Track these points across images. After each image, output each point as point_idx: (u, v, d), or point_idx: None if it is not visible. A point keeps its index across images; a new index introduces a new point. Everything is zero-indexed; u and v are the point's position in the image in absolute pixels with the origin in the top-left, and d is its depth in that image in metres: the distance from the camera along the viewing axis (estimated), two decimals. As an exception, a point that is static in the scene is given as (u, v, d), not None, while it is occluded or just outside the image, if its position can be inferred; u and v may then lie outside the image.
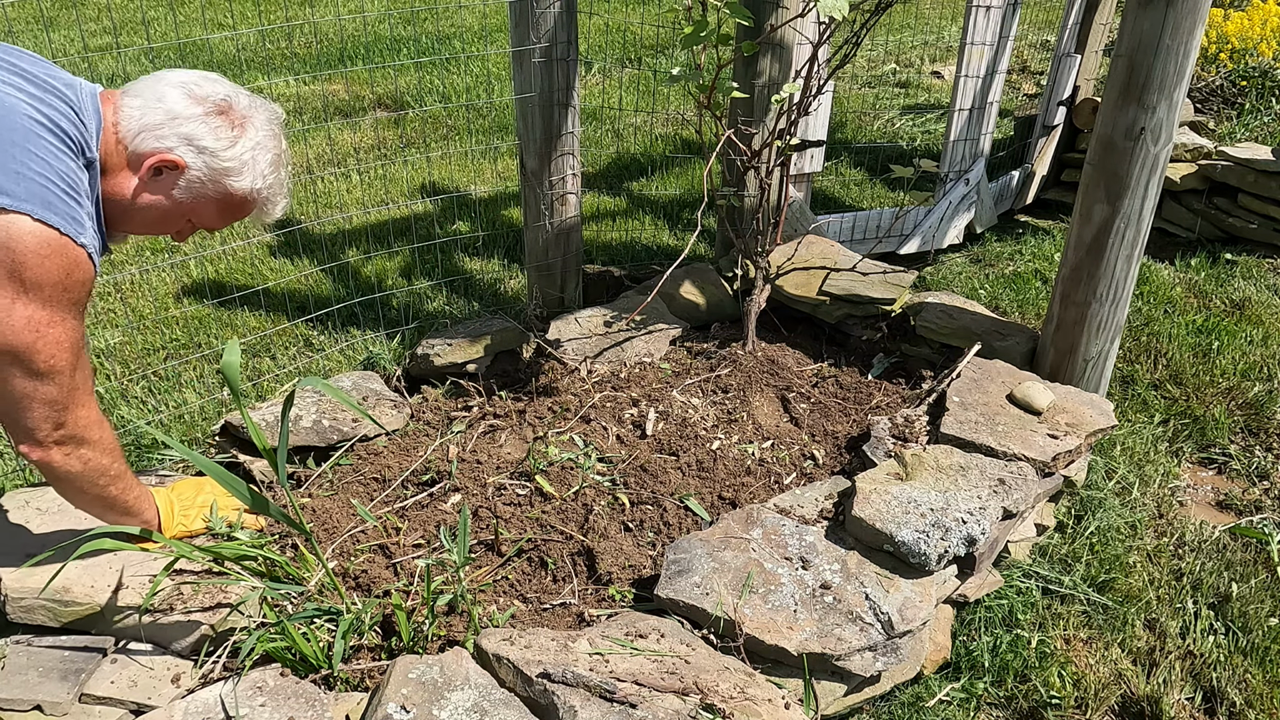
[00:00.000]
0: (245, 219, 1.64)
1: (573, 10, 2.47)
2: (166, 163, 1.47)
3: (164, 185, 1.49)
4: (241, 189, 1.54)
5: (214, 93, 1.51)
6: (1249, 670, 1.85)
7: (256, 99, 1.57)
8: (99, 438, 1.54)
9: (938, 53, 6.33)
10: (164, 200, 1.50)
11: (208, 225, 1.59)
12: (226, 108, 1.51)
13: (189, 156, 1.48)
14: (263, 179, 1.56)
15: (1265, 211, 3.60)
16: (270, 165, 1.57)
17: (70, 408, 1.46)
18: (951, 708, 1.77)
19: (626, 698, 1.42)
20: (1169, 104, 2.08)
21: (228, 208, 1.57)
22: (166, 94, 1.47)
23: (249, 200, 1.57)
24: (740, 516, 1.89)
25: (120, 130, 1.45)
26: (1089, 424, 2.16)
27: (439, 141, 4.68)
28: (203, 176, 1.50)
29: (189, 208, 1.53)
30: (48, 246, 1.34)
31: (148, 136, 1.45)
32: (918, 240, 3.55)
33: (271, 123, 1.58)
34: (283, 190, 1.63)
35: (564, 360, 2.53)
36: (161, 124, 1.45)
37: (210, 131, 1.48)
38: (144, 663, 1.58)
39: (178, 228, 1.57)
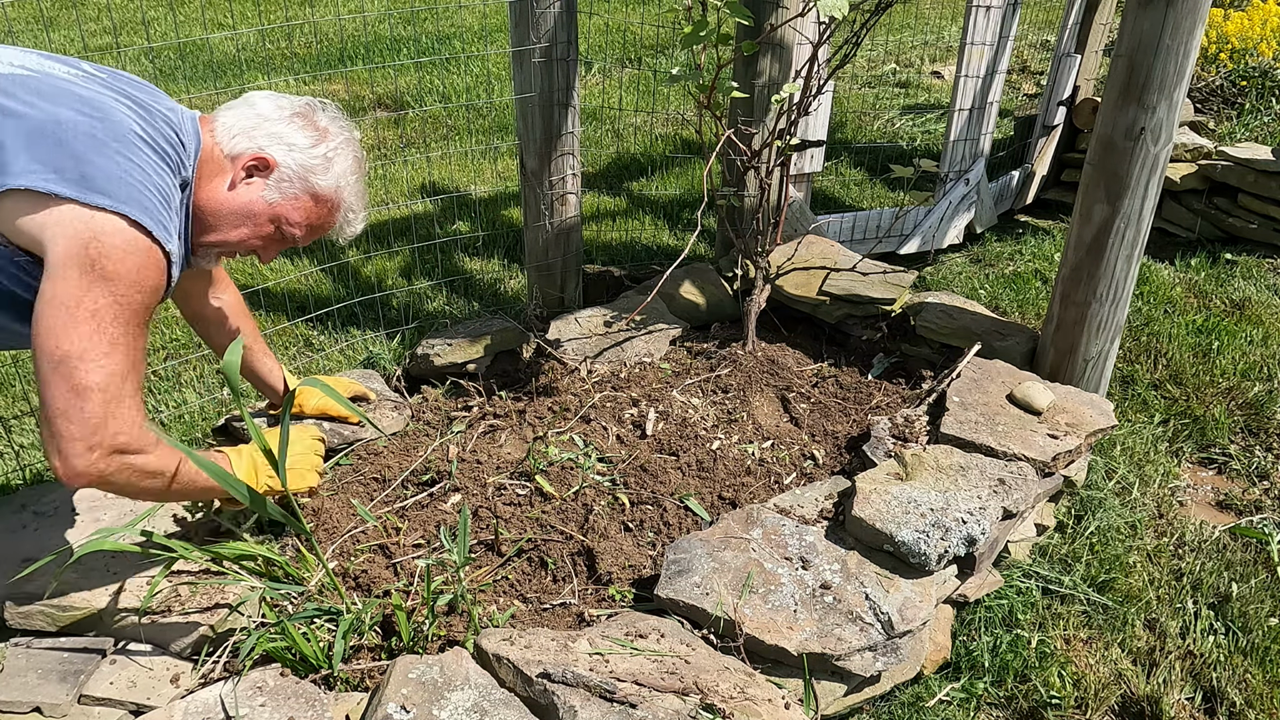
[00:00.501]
0: (328, 233, 1.71)
1: (573, 10, 2.47)
2: (259, 160, 1.56)
3: (255, 186, 1.58)
4: (327, 187, 1.62)
5: (296, 102, 1.64)
6: (1249, 670, 1.85)
7: (333, 110, 1.68)
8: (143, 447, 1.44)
9: (938, 53, 6.33)
10: (255, 201, 1.58)
11: (293, 233, 1.64)
12: (308, 113, 1.64)
13: (279, 154, 1.57)
14: (344, 179, 1.65)
15: (1265, 211, 3.60)
16: (351, 168, 1.67)
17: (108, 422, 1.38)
18: (951, 708, 1.77)
19: (626, 698, 1.42)
20: (1169, 104, 2.08)
21: (313, 211, 1.64)
22: (256, 102, 1.61)
23: (333, 202, 1.65)
24: (740, 516, 1.89)
25: (216, 137, 1.56)
26: (1089, 424, 2.16)
27: (439, 141, 4.68)
28: (291, 174, 1.58)
29: (279, 209, 1.60)
30: (133, 245, 1.38)
31: (241, 138, 1.56)
32: (918, 240, 3.55)
33: (349, 132, 1.68)
34: (362, 200, 1.71)
35: (564, 360, 2.53)
36: (254, 126, 1.57)
37: (297, 131, 1.60)
38: (143, 663, 1.58)
39: (268, 233, 1.62)
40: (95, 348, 1.35)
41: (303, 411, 2.16)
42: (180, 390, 2.65)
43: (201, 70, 5.42)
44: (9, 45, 1.48)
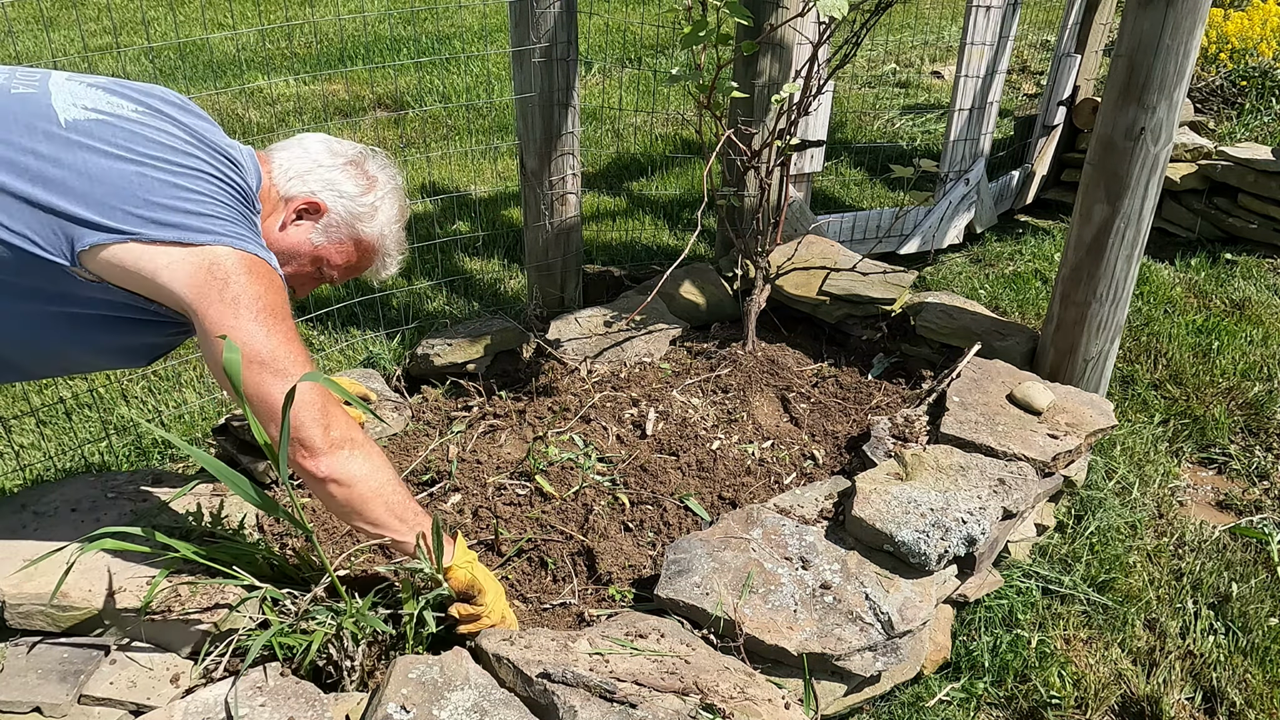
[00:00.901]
0: (364, 275, 1.78)
1: (573, 10, 2.47)
2: (311, 204, 1.63)
3: (304, 228, 1.64)
4: (371, 234, 1.68)
5: (349, 149, 1.69)
6: (1249, 670, 1.85)
7: (381, 158, 1.73)
8: (365, 438, 1.51)
9: (938, 53, 6.33)
10: (303, 243, 1.64)
11: (331, 274, 1.71)
12: (360, 161, 1.69)
13: (329, 200, 1.63)
14: (388, 228, 1.71)
15: (1265, 211, 3.60)
16: (395, 217, 1.72)
17: (329, 407, 1.45)
18: (951, 708, 1.77)
19: (626, 698, 1.42)
20: (1169, 104, 2.08)
21: (354, 255, 1.70)
22: (311, 146, 1.66)
23: (373, 248, 1.71)
24: (740, 516, 1.89)
25: (274, 177, 1.62)
26: (1089, 424, 2.16)
27: (439, 141, 4.68)
28: (339, 220, 1.65)
29: (323, 251, 1.66)
30: (251, 264, 1.44)
31: (296, 181, 1.62)
32: (918, 240, 3.55)
33: (396, 180, 1.74)
34: (400, 246, 1.78)
35: (564, 360, 2.53)
36: (308, 170, 1.63)
37: (349, 179, 1.65)
38: (143, 663, 1.58)
39: (308, 272, 1.68)
40: (277, 349, 1.42)
41: None
42: (180, 390, 2.65)
43: (201, 70, 5.42)
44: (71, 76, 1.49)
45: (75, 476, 1.99)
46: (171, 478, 2.00)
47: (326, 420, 1.44)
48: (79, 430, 2.48)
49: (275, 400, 1.40)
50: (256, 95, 4.98)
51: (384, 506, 1.50)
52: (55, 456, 2.34)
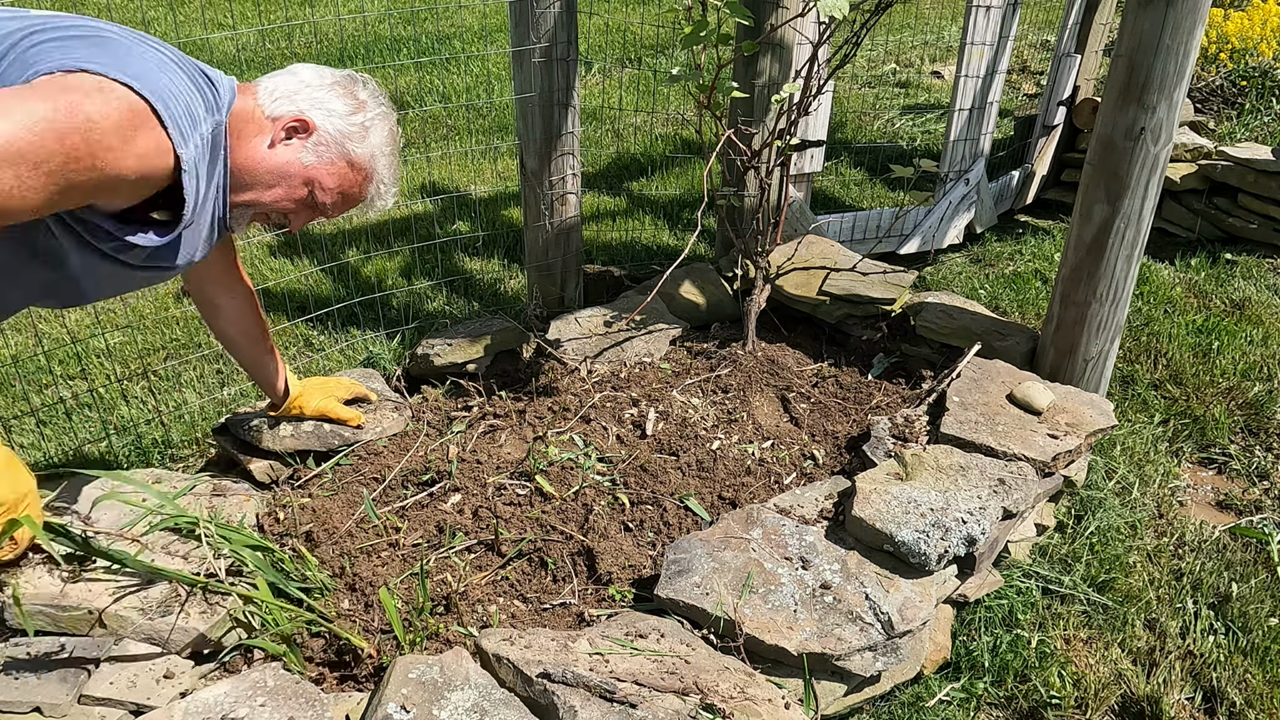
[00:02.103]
0: (357, 207, 1.73)
1: (573, 10, 2.47)
2: (299, 122, 1.58)
3: (294, 147, 1.59)
4: (362, 155, 1.65)
5: (338, 73, 1.67)
6: (1249, 670, 1.85)
7: (372, 86, 1.70)
8: None
9: (938, 53, 6.33)
10: (292, 163, 1.59)
11: (324, 201, 1.65)
12: (349, 84, 1.66)
13: (318, 118, 1.59)
14: (379, 149, 1.67)
15: (1265, 211, 3.60)
16: (386, 140, 1.69)
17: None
18: (951, 708, 1.77)
19: (626, 698, 1.42)
20: (1169, 104, 2.08)
21: (347, 177, 1.66)
22: (299, 70, 1.63)
23: (367, 171, 1.67)
24: (740, 516, 1.89)
25: (258, 98, 1.58)
26: (1089, 424, 2.16)
27: (439, 141, 4.68)
28: (329, 139, 1.61)
29: (313, 171, 1.62)
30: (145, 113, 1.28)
31: (283, 101, 1.58)
32: (918, 240, 3.55)
33: (385, 106, 1.70)
34: (394, 174, 1.73)
35: (564, 360, 2.53)
36: (296, 91, 1.59)
37: (337, 98, 1.62)
38: (143, 663, 1.58)
39: (300, 196, 1.63)
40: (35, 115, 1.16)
41: (303, 413, 2.16)
42: (180, 390, 2.65)
43: (201, 70, 5.42)
44: None
45: (76, 476, 1.99)
46: (172, 478, 2.00)
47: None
48: (79, 430, 2.48)
49: None
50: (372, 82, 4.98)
51: None
52: (55, 456, 2.34)
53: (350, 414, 2.21)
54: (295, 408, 2.15)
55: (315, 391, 2.19)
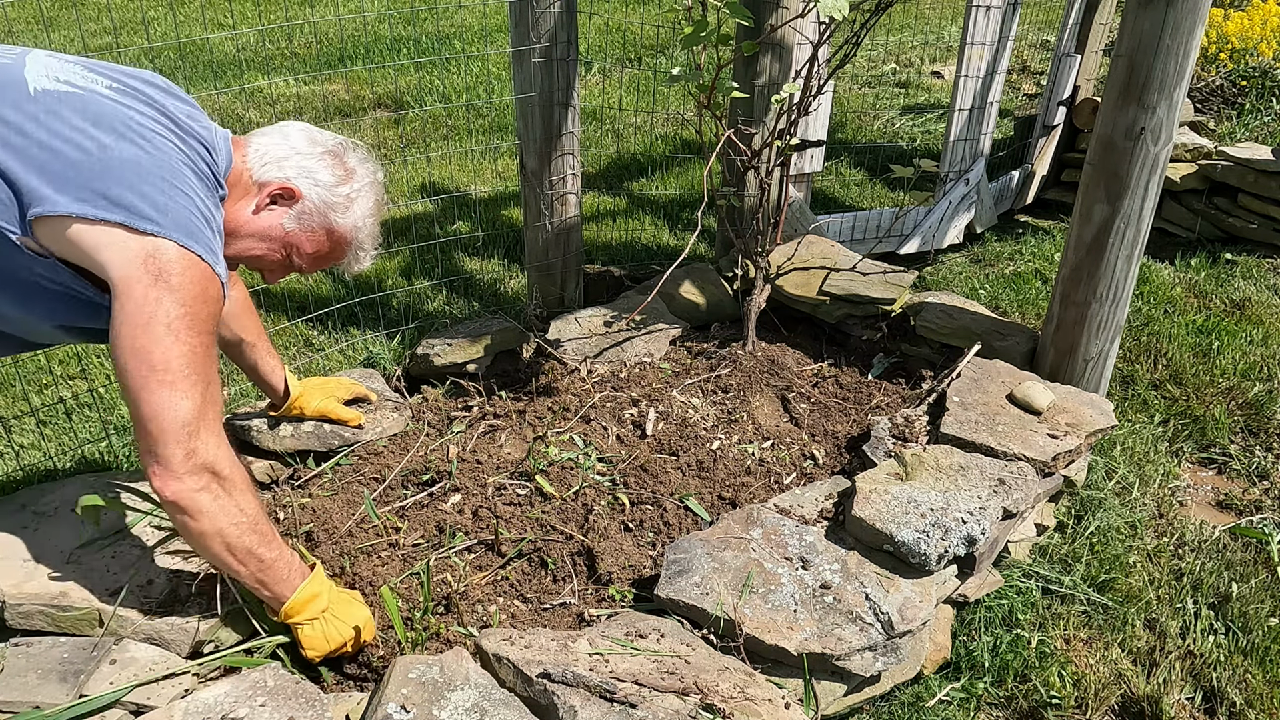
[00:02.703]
0: (335, 267, 1.76)
1: (573, 10, 2.47)
2: (285, 190, 1.60)
3: (277, 213, 1.62)
4: (344, 226, 1.67)
5: (329, 139, 1.68)
6: (1249, 670, 1.85)
7: (362, 152, 1.72)
8: (234, 475, 1.47)
9: (938, 53, 6.33)
10: (275, 227, 1.62)
11: (301, 263, 1.69)
12: (339, 152, 1.68)
13: (304, 187, 1.61)
14: (362, 221, 1.70)
15: (1265, 211, 3.60)
16: (370, 211, 1.71)
17: (201, 431, 1.41)
18: (951, 708, 1.77)
19: (626, 698, 1.42)
20: (1169, 104, 2.08)
21: (325, 244, 1.69)
22: (291, 133, 1.65)
23: (346, 240, 1.70)
24: (740, 516, 1.89)
25: (248, 161, 1.60)
26: (1089, 424, 2.16)
27: (439, 141, 4.68)
28: (313, 208, 1.63)
29: (294, 238, 1.64)
30: (190, 264, 1.42)
31: (271, 166, 1.60)
32: (918, 240, 3.55)
33: (375, 175, 1.73)
34: (375, 241, 1.76)
35: (564, 360, 2.53)
36: (286, 156, 1.61)
37: (325, 168, 1.64)
38: (143, 663, 1.58)
39: (277, 258, 1.67)
40: (177, 358, 1.39)
41: (303, 413, 2.16)
42: (180, 390, 2.64)
43: (201, 70, 5.42)
44: (47, 52, 1.49)
45: (75, 476, 2.00)
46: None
47: (193, 445, 1.40)
48: (79, 430, 2.48)
49: (150, 408, 1.38)
50: (256, 95, 4.98)
51: (222, 547, 1.46)
52: (55, 456, 2.34)
53: (350, 414, 2.21)
54: (295, 408, 2.15)
55: (315, 392, 2.19)
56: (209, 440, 1.43)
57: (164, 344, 1.38)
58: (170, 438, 1.38)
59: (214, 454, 1.43)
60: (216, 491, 1.44)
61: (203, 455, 1.42)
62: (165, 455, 1.39)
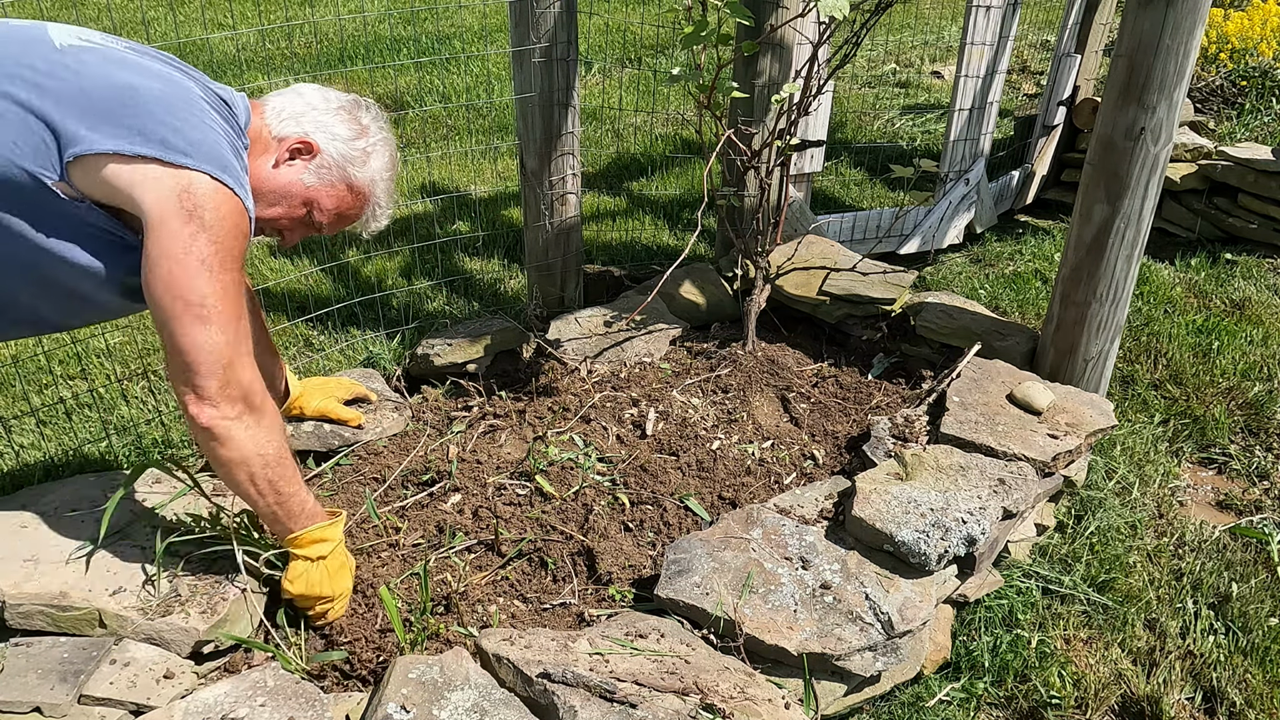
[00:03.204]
0: (353, 226, 1.78)
1: (573, 10, 2.47)
2: (304, 144, 1.63)
3: (296, 168, 1.64)
4: (362, 180, 1.70)
5: (343, 96, 1.72)
6: (1249, 670, 1.85)
7: (375, 110, 1.75)
8: (264, 406, 1.53)
9: (938, 53, 6.33)
10: (295, 183, 1.65)
11: (322, 219, 1.71)
12: (353, 109, 1.71)
13: (322, 141, 1.64)
14: (379, 175, 1.72)
15: (1265, 211, 3.60)
16: (386, 165, 1.74)
17: (235, 363, 1.47)
18: (951, 708, 1.77)
19: (626, 698, 1.42)
20: (1169, 104, 2.08)
21: (346, 199, 1.71)
22: (305, 92, 1.69)
23: (365, 195, 1.72)
24: (740, 516, 1.89)
25: (266, 118, 1.64)
26: (1089, 424, 2.16)
27: (439, 141, 4.68)
28: (331, 162, 1.65)
29: (314, 193, 1.67)
30: (224, 197, 1.45)
31: (289, 122, 1.63)
32: (918, 240, 3.55)
33: (387, 132, 1.75)
34: (391, 198, 1.79)
35: (564, 360, 2.53)
36: (303, 113, 1.65)
37: (342, 123, 1.67)
38: (143, 663, 1.58)
39: (299, 215, 1.68)
40: (211, 293, 1.42)
41: (303, 413, 2.16)
42: (180, 390, 2.64)
43: (201, 70, 5.41)
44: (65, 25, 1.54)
45: (75, 476, 2.00)
46: (172, 477, 1.99)
47: (228, 376, 1.46)
48: (79, 430, 2.48)
49: (188, 340, 1.42)
50: (256, 95, 4.97)
51: (246, 476, 1.53)
52: (55, 456, 2.34)
53: (350, 414, 2.21)
54: (295, 408, 2.15)
55: (315, 392, 2.19)
56: (243, 372, 1.48)
57: (200, 280, 1.41)
58: (206, 369, 1.44)
59: (248, 385, 1.49)
60: (248, 422, 1.50)
61: (236, 386, 1.47)
62: (201, 385, 1.44)
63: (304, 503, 1.62)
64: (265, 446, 1.53)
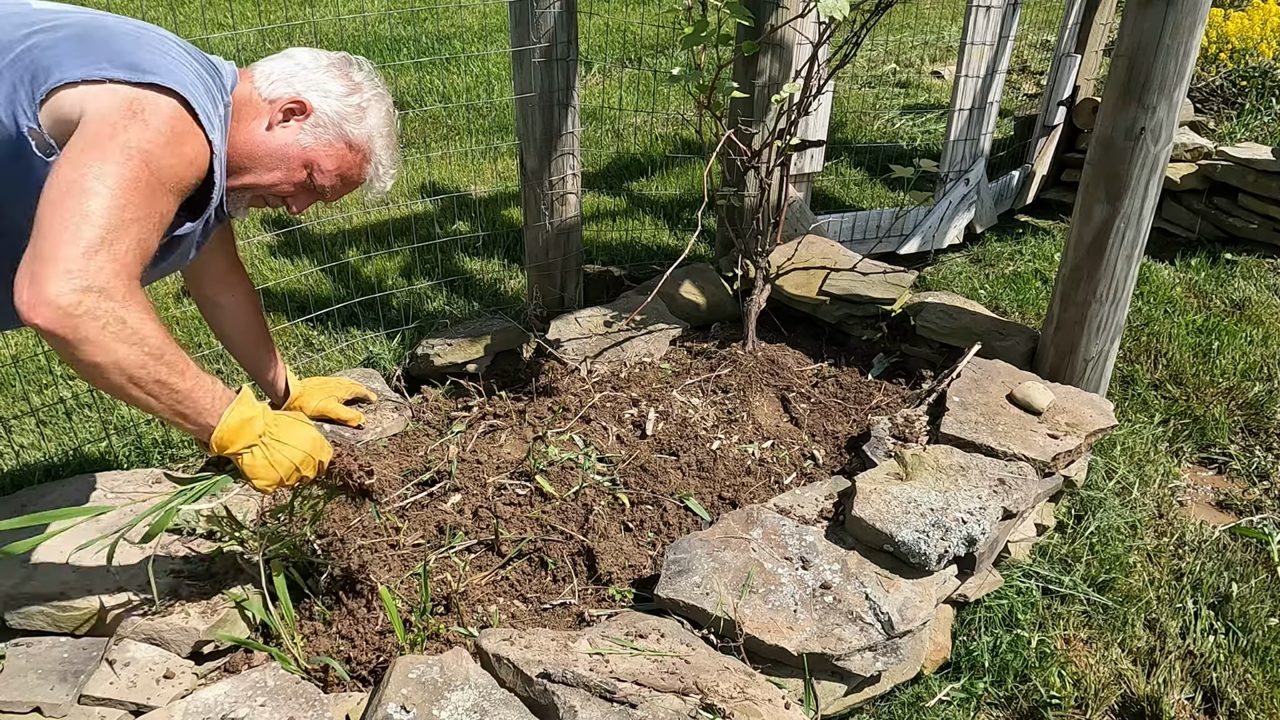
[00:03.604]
0: (356, 190, 1.72)
1: (573, 10, 2.47)
2: (296, 103, 1.58)
3: (291, 129, 1.59)
4: (359, 136, 1.64)
5: (333, 55, 1.68)
6: (1249, 670, 1.85)
7: (367, 68, 1.70)
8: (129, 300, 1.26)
9: (938, 53, 6.33)
10: (291, 144, 1.60)
11: (324, 181, 1.65)
12: (344, 65, 1.66)
13: (315, 99, 1.59)
14: (377, 131, 1.67)
15: (1265, 211, 3.60)
16: (384, 120, 1.68)
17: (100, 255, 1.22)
18: (951, 708, 1.77)
19: (626, 698, 1.42)
20: (1169, 104, 2.08)
21: (346, 158, 1.65)
22: (295, 53, 1.64)
23: (365, 151, 1.66)
24: (740, 516, 1.89)
25: (256, 83, 1.59)
26: (1089, 424, 2.16)
27: (439, 141, 4.68)
28: (326, 120, 1.61)
29: (312, 154, 1.61)
30: (178, 116, 1.36)
31: (279, 83, 1.59)
32: (918, 240, 3.55)
33: (380, 88, 1.70)
34: (393, 155, 1.72)
35: (564, 360, 2.53)
36: (293, 73, 1.60)
37: (333, 79, 1.62)
38: (143, 663, 1.58)
39: (300, 179, 1.63)
40: (111, 178, 1.24)
41: (303, 413, 2.16)
42: (180, 390, 2.64)
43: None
44: None
45: (75, 476, 2.00)
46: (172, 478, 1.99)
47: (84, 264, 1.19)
48: (79, 430, 2.48)
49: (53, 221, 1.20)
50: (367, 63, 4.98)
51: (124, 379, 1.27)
52: (55, 456, 2.34)
53: (350, 414, 2.21)
54: (295, 408, 2.15)
55: (315, 392, 2.19)
56: (105, 265, 1.22)
57: (109, 166, 1.24)
58: (59, 255, 1.19)
59: (107, 279, 1.22)
60: (104, 316, 1.22)
61: (89, 277, 1.20)
62: (40, 272, 1.18)
63: (211, 391, 1.39)
64: (136, 342, 1.26)
